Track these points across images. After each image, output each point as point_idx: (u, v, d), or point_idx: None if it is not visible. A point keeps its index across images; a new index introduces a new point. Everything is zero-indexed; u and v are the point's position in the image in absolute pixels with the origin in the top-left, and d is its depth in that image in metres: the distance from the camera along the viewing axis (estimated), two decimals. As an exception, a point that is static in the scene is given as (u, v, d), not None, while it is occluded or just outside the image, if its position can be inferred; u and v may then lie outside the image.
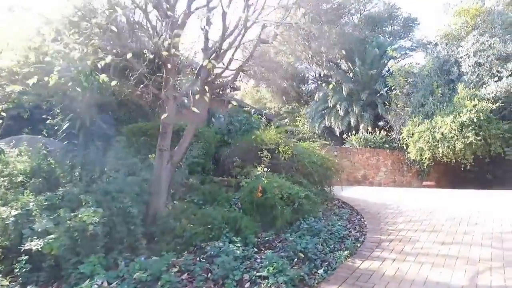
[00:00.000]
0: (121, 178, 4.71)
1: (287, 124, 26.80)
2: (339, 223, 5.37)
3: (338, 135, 17.55)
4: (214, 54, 5.29)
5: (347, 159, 14.98)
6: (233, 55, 5.29)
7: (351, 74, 20.14)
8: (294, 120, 25.25)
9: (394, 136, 14.98)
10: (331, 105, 17.53)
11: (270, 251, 4.12)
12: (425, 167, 13.39)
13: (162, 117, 5.26)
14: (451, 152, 12.02)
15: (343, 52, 19.10)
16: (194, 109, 4.12)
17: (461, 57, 13.14)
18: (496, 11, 12.84)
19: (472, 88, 12.37)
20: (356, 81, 18.46)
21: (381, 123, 16.13)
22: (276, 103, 26.22)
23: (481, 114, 11.46)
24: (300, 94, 23.63)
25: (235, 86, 18.13)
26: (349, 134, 16.08)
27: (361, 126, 16.27)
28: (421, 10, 28.65)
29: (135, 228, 4.13)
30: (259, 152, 6.63)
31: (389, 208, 6.54)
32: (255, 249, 4.38)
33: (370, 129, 15.85)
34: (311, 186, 6.49)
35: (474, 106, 11.68)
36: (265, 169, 6.33)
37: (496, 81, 11.91)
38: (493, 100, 11.79)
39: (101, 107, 6.68)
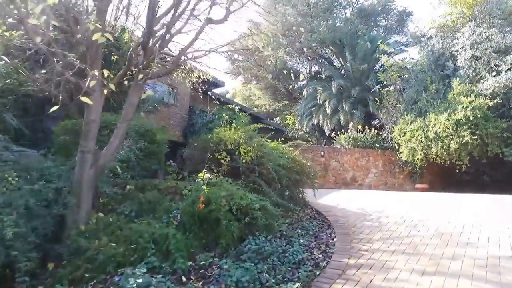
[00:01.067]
0: (19, 187, 3.73)
1: (278, 122, 25.88)
2: (302, 241, 4.39)
3: (327, 134, 16.58)
4: (144, 38, 4.31)
5: (335, 159, 14.06)
6: (165, 35, 4.28)
7: (342, 71, 19.17)
8: (285, 118, 24.33)
9: (385, 135, 14.01)
10: (320, 102, 16.55)
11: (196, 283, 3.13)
12: (417, 169, 12.43)
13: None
14: (445, 153, 11.07)
15: (332, 47, 18.16)
16: (85, 99, 3.10)
17: (457, 50, 12.17)
18: (495, 0, 11.87)
19: (468, 84, 11.44)
20: (347, 77, 17.50)
21: (373, 122, 15.19)
22: (266, 101, 25.25)
23: (477, 111, 10.52)
24: (290, 91, 22.64)
25: (218, 82, 17.15)
26: (338, 132, 15.12)
27: (351, 124, 15.30)
28: (416, 3, 27.59)
29: (18, 255, 3.16)
30: (215, 154, 5.65)
31: (369, 219, 5.56)
32: (184, 279, 3.43)
33: (360, 127, 14.87)
34: (276, 193, 5.51)
35: (470, 102, 10.74)
36: (216, 174, 5.38)
37: (494, 76, 10.96)
38: (490, 96, 10.86)
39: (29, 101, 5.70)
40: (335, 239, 4.53)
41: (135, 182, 5.23)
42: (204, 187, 4.27)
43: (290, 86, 22.51)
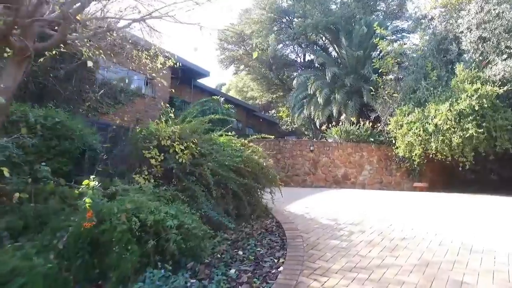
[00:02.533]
0: None
1: (273, 115, 24.59)
2: (232, 271, 3.19)
3: (318, 127, 15.28)
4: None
5: (326, 155, 12.80)
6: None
7: (338, 60, 17.74)
8: (279, 110, 23.07)
9: (381, 128, 12.66)
10: (311, 92, 15.20)
11: None
12: (415, 166, 11.09)
13: None
14: (447, 148, 9.73)
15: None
16: None
17: (461, 32, 10.72)
18: (507, -29, 10.35)
19: (474, 69, 10.00)
20: (342, 65, 16.11)
21: (369, 114, 13.81)
22: (260, 92, 23.92)
23: (484, 100, 9.13)
24: (284, 81, 21.27)
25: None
26: (330, 125, 13.80)
27: (343, 116, 13.94)
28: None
29: None
30: (144, 151, 4.44)
31: (337, 236, 4.33)
32: None
33: (354, 119, 13.52)
34: (217, 203, 4.31)
35: (476, 90, 9.34)
36: (146, 177, 4.20)
37: (505, 59, 9.52)
38: (500, 83, 9.44)
39: None
40: (280, 269, 3.31)
41: (33, 189, 4.05)
42: (87, 199, 3.06)
43: (286, 75, 21.16)
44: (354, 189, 11.99)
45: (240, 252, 3.77)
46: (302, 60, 20.68)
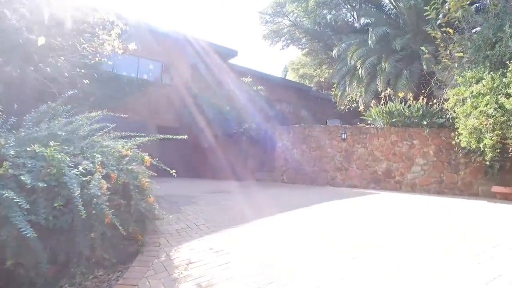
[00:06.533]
0: None
1: (329, 94, 21.39)
2: None
3: (359, 108, 11.95)
4: None
5: (362, 144, 9.91)
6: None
7: (397, 16, 13.54)
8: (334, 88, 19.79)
9: (440, 105, 8.88)
10: (351, 64, 11.90)
11: None
12: (489, 161, 7.26)
13: None
14: (540, 136, 5.88)
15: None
16: None
17: None
18: None
19: None
20: (402, 21, 12.11)
21: (426, 86, 9.95)
22: (313, 68, 20.89)
23: None
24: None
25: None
26: (371, 104, 10.53)
27: (387, 91, 10.34)
28: None
29: None
30: None
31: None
32: None
33: (409, 95, 9.91)
34: None
35: None
36: None
37: None
38: None
39: None
40: None
41: None
42: None
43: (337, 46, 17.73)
44: (398, 192, 8.78)
45: None
46: (358, 25, 16.80)
